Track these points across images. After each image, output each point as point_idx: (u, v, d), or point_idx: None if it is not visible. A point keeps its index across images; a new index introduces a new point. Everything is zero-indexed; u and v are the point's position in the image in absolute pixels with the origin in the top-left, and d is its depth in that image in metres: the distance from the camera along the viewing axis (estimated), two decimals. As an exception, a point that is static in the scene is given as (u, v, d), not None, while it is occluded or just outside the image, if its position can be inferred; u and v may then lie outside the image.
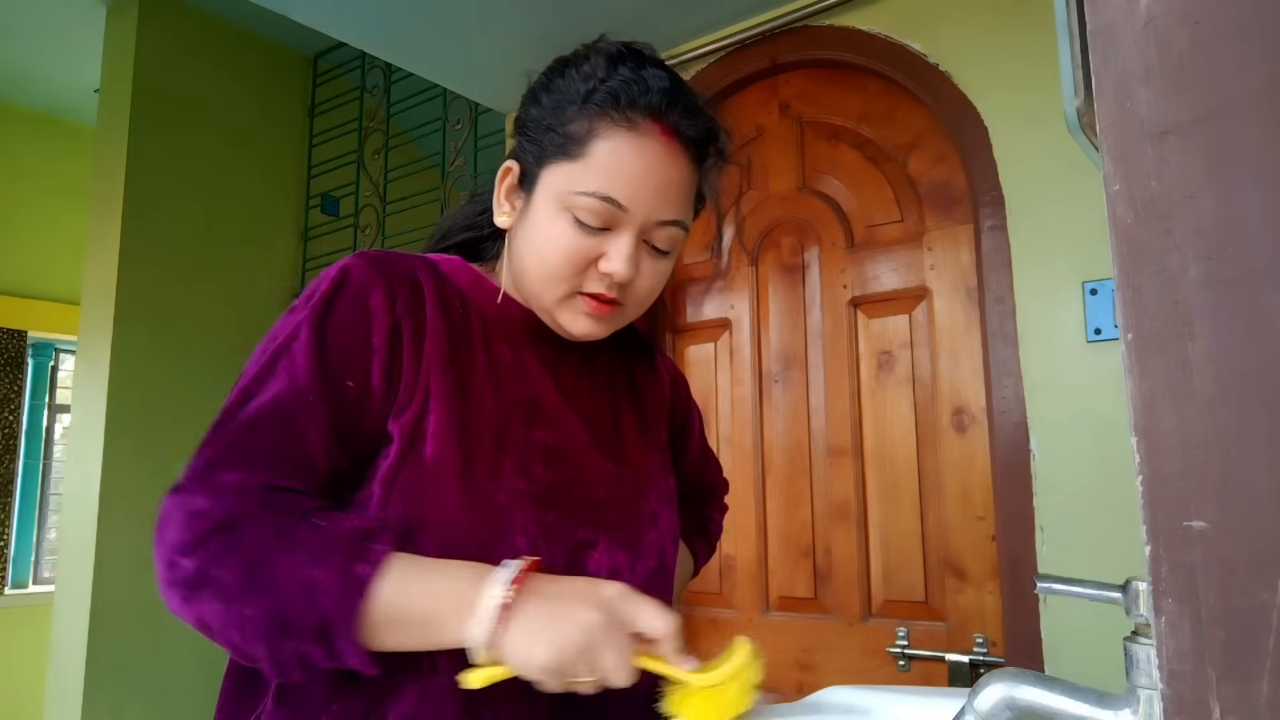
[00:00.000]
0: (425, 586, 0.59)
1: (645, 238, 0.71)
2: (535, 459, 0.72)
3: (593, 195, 0.68)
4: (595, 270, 0.71)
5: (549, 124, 0.72)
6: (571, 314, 0.73)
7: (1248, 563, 0.26)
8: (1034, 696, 0.41)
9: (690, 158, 0.72)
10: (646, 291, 0.74)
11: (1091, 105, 0.35)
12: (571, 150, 0.70)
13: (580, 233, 0.69)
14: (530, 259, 0.73)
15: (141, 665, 2.54)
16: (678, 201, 0.72)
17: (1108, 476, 1.48)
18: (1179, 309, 0.28)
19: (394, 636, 0.59)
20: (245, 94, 2.99)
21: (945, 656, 1.63)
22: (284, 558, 0.58)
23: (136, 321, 2.62)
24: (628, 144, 0.69)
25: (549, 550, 0.70)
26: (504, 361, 0.74)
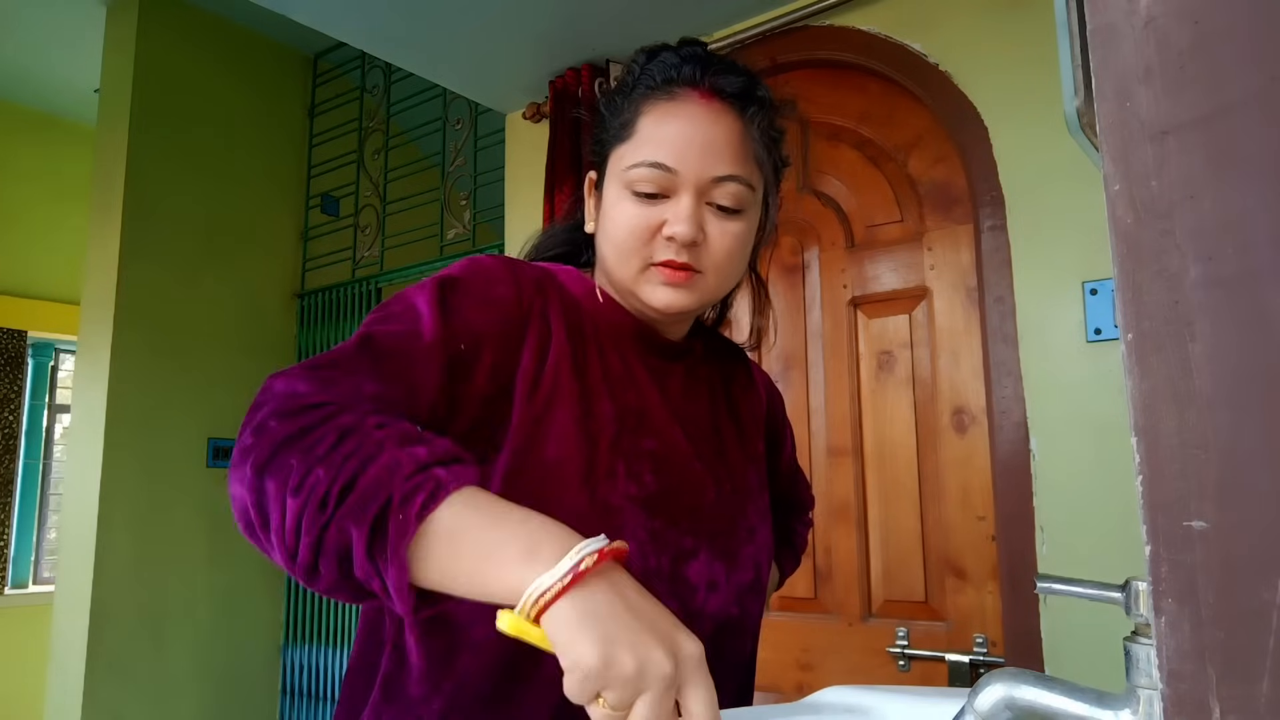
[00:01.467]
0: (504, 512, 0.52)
1: (707, 199, 0.73)
2: (645, 466, 0.74)
3: (642, 164, 0.72)
4: (661, 238, 0.73)
5: (605, 122, 0.79)
6: (650, 286, 0.74)
7: (1248, 563, 0.26)
8: (1034, 696, 0.41)
9: (735, 113, 0.74)
10: (724, 254, 0.74)
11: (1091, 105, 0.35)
12: (624, 134, 0.75)
13: (640, 204, 0.72)
14: (606, 245, 0.76)
15: (141, 665, 2.54)
16: (729, 156, 0.73)
17: (1108, 476, 1.48)
18: (1179, 309, 0.28)
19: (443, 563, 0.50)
20: (245, 94, 2.99)
21: (945, 656, 1.63)
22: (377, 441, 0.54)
23: (136, 321, 2.62)
24: (668, 111, 0.73)
25: (656, 556, 0.71)
26: (616, 370, 0.76)
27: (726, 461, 0.83)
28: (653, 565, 0.70)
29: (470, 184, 2.71)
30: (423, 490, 0.51)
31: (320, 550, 0.52)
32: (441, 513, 0.50)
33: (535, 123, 2.35)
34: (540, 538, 0.49)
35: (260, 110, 3.04)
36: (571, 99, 2.15)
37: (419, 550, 0.50)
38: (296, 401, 0.56)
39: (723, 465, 0.82)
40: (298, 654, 2.89)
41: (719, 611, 0.75)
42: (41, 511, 3.79)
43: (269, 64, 3.09)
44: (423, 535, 0.50)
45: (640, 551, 0.70)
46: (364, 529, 0.50)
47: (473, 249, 2.62)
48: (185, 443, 2.72)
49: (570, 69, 2.16)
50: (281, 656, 2.92)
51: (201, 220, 2.82)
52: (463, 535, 0.50)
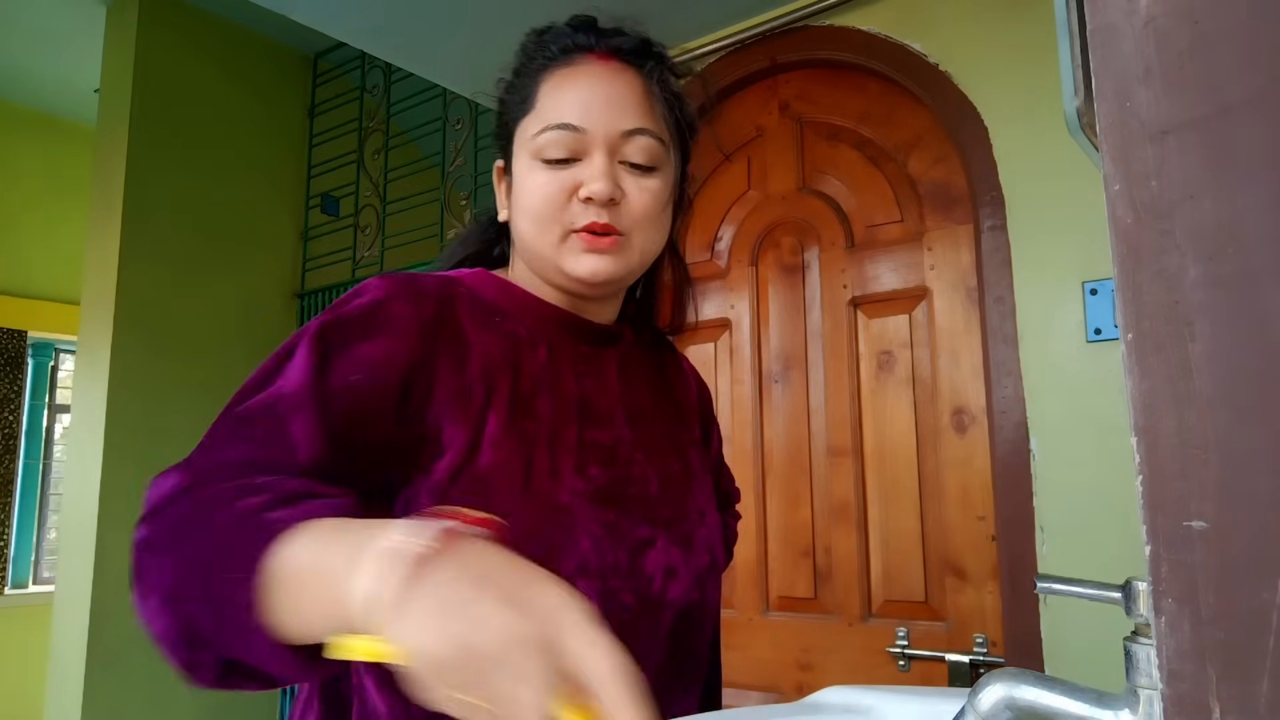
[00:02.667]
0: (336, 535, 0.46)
1: (620, 157, 0.72)
2: (590, 459, 0.72)
3: (548, 128, 0.71)
4: (578, 202, 0.71)
5: (506, 102, 0.78)
6: (573, 256, 0.71)
7: (1248, 563, 0.26)
8: (1034, 696, 0.41)
9: (634, 70, 0.74)
10: (644, 212, 0.72)
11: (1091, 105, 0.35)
12: (525, 108, 0.74)
13: (551, 170, 0.71)
14: (522, 222, 0.74)
15: (141, 665, 2.54)
16: (635, 110, 0.72)
17: (1108, 476, 1.48)
18: (1179, 309, 0.28)
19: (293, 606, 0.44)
20: (245, 94, 2.99)
21: (945, 656, 1.63)
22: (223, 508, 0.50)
23: (136, 321, 2.62)
24: (567, 76, 0.73)
25: (613, 550, 0.69)
26: (549, 364, 0.74)
27: (669, 446, 0.82)
28: (610, 560, 0.68)
29: (470, 184, 2.71)
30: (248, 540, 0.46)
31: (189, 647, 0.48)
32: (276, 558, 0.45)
33: (535, 123, 2.35)
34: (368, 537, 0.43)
35: (260, 110, 3.04)
36: (571, 99, 2.15)
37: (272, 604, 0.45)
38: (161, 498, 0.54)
39: (667, 451, 0.81)
40: (298, 654, 2.89)
41: (680, 598, 0.74)
42: (41, 511, 3.79)
43: (269, 64, 3.09)
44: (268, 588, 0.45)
45: (596, 547, 0.68)
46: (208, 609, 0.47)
47: (473, 249, 2.62)
48: (185, 443, 2.68)
49: (570, 69, 2.16)
50: (281, 656, 2.92)
51: (201, 220, 2.82)
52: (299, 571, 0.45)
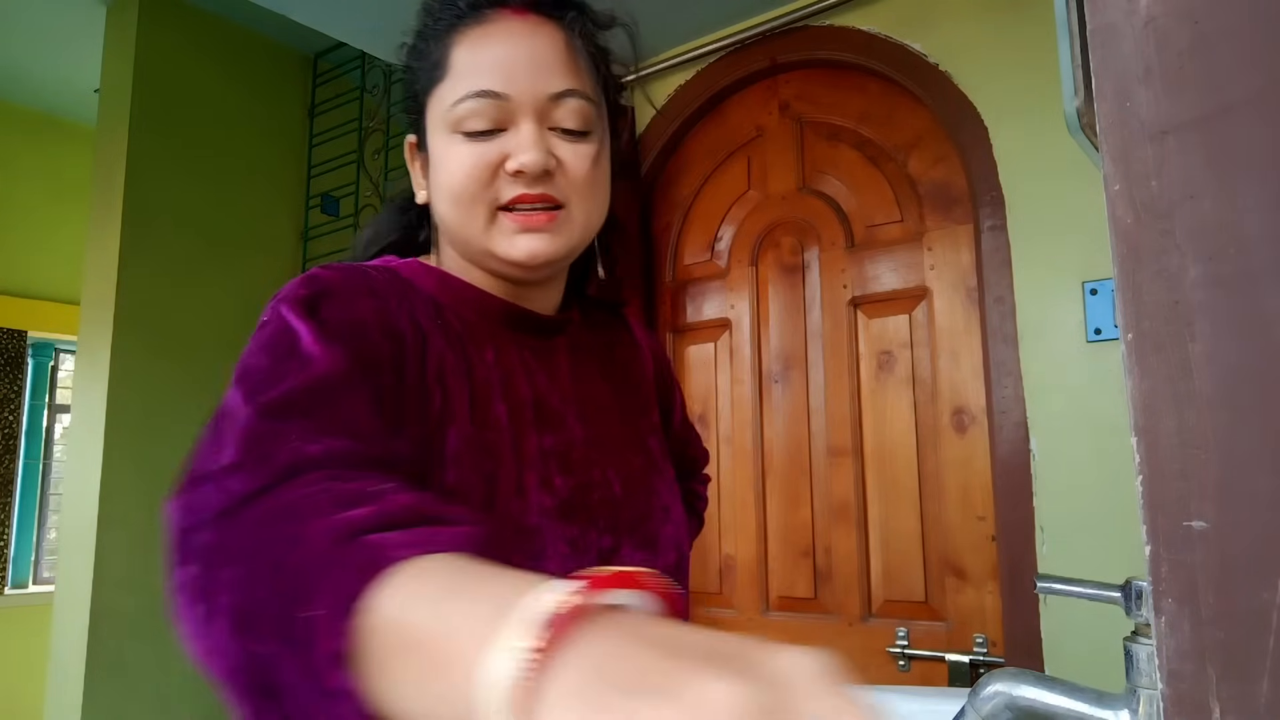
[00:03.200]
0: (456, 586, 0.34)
1: (549, 123, 0.64)
2: (552, 469, 0.65)
3: (468, 96, 0.63)
4: (505, 176, 0.63)
5: (413, 70, 0.69)
6: (505, 239, 0.64)
7: (1248, 563, 0.26)
8: (1034, 696, 0.41)
9: (554, 23, 0.66)
10: (584, 179, 0.65)
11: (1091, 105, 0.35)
12: (438, 74, 0.66)
13: (474, 142, 0.63)
14: (442, 203, 0.66)
15: (141, 665, 2.54)
16: (561, 70, 0.64)
17: (1108, 476, 1.48)
18: (1179, 309, 0.28)
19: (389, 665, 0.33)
20: (245, 94, 2.99)
21: (945, 656, 1.63)
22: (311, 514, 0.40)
23: (136, 322, 2.62)
24: (482, 35, 0.64)
25: (578, 566, 0.61)
26: (498, 365, 0.66)
27: (627, 440, 0.75)
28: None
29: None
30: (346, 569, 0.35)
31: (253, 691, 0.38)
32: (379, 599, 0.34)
33: (535, 123, 2.35)
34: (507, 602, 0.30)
35: (260, 110, 3.05)
36: (571, 99, 2.15)
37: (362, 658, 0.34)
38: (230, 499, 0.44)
39: (626, 445, 0.74)
40: (298, 654, 2.88)
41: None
42: (41, 511, 3.79)
43: (269, 64, 3.09)
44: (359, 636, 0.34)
45: (563, 567, 0.61)
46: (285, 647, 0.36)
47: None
48: (185, 443, 2.68)
49: (570, 69, 2.16)
50: (281, 656, 2.92)
51: (201, 220, 2.82)
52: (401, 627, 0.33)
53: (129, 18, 2.73)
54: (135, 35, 2.69)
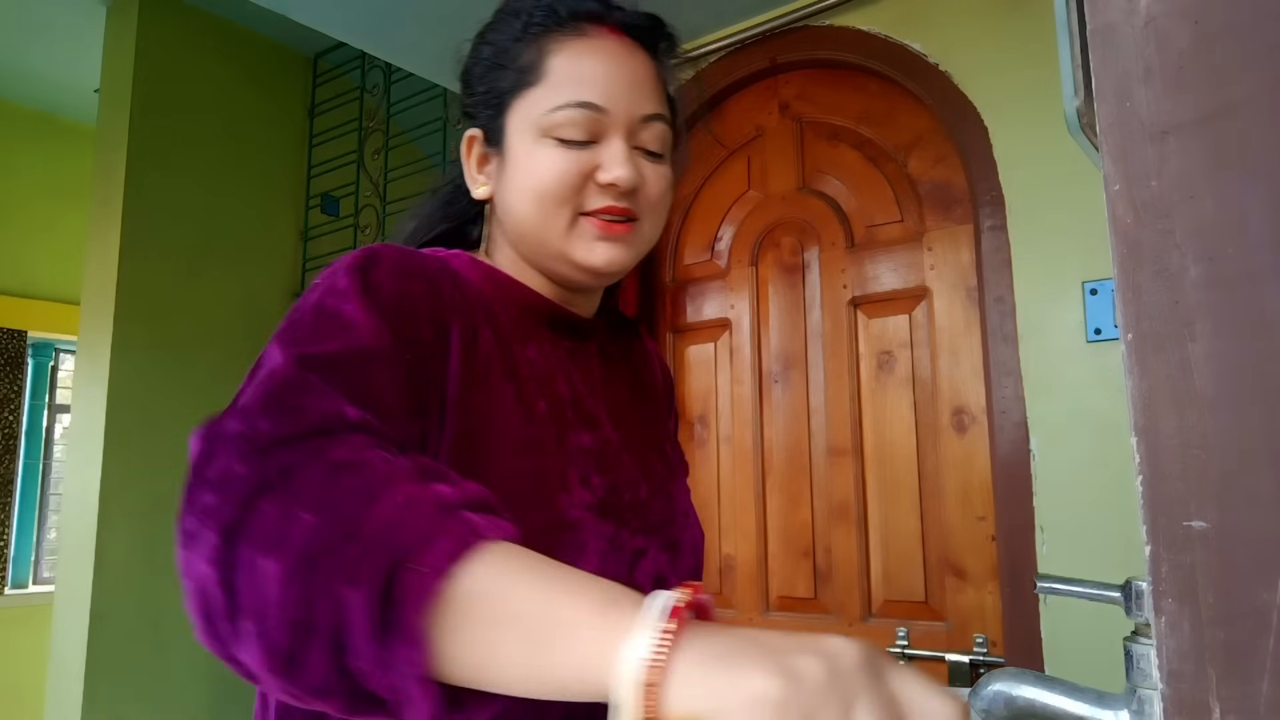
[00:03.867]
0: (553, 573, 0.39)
1: (634, 141, 0.67)
2: (589, 467, 0.66)
3: (568, 105, 0.65)
4: (594, 186, 0.66)
5: (498, 70, 0.70)
6: (585, 244, 0.66)
7: (1248, 563, 0.26)
8: (1034, 696, 0.41)
9: (646, 51, 0.69)
10: (657, 198, 0.69)
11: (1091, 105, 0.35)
12: (530, 78, 0.67)
13: (567, 150, 0.65)
14: (521, 203, 0.67)
15: (141, 665, 2.54)
16: (652, 94, 0.68)
17: (1108, 476, 1.48)
18: (1179, 309, 0.28)
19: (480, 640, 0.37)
20: (245, 94, 2.99)
21: (945, 656, 1.63)
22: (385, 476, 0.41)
23: (136, 321, 2.62)
24: (583, 48, 0.66)
25: (615, 565, 0.64)
26: (539, 360, 0.68)
27: (649, 444, 0.77)
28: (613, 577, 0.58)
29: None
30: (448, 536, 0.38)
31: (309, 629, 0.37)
32: (474, 569, 0.37)
33: (535, 123, 2.35)
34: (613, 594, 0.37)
35: (260, 110, 3.05)
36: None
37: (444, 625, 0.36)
38: (266, 438, 0.43)
39: (648, 450, 0.76)
40: (298, 654, 2.88)
41: None
42: (41, 511, 3.79)
43: (269, 64, 3.09)
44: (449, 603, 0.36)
45: (602, 564, 0.62)
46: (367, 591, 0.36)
47: (473, 249, 2.62)
48: (185, 443, 2.70)
49: (570, 69, 2.16)
50: (281, 656, 2.92)
51: (201, 220, 2.83)
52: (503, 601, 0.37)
53: (129, 17, 2.73)
54: (135, 35, 2.69)
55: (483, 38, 0.74)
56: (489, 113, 0.71)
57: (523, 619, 0.37)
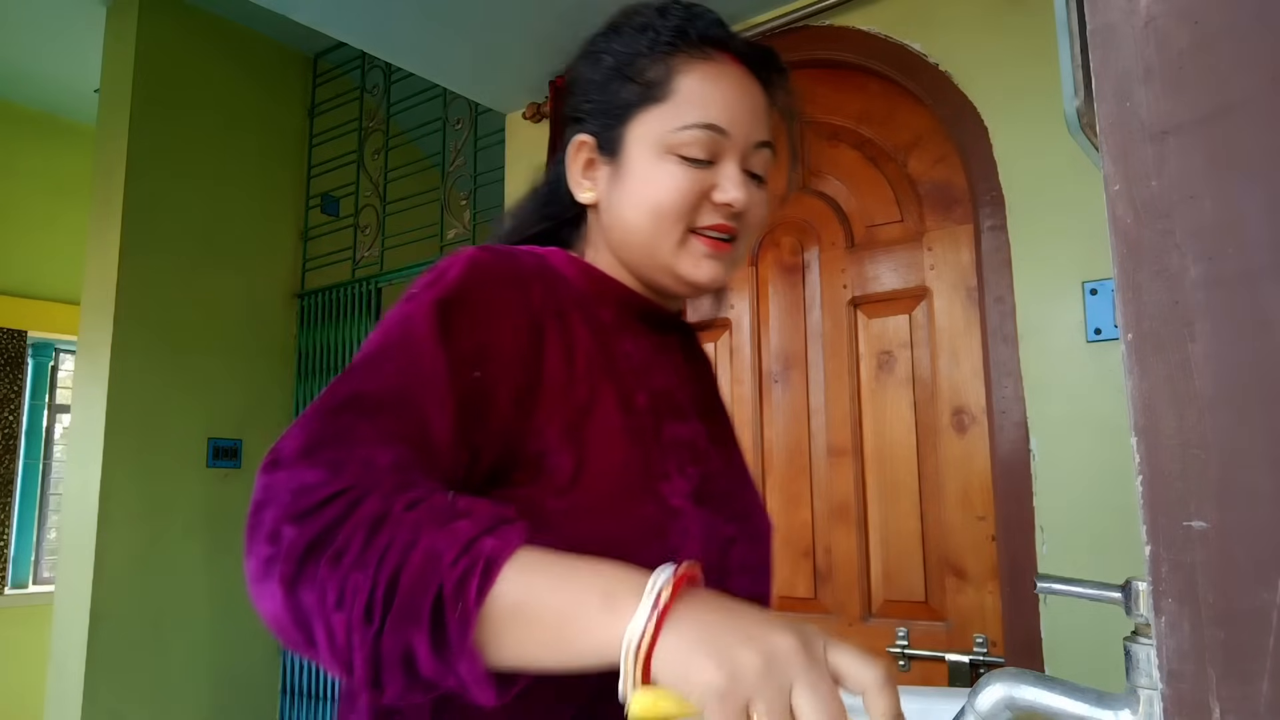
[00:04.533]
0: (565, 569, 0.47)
1: (745, 165, 0.71)
2: (685, 457, 0.70)
3: (695, 126, 0.68)
4: (708, 204, 0.70)
5: (622, 81, 0.72)
6: (692, 259, 0.70)
7: (1248, 563, 0.26)
8: (1034, 696, 0.41)
9: (759, 81, 0.73)
10: (757, 221, 0.73)
11: (1091, 105, 0.35)
12: (656, 94, 0.70)
13: (689, 169, 0.69)
14: (636, 214, 0.70)
15: (141, 665, 2.54)
16: (764, 122, 0.73)
17: (1108, 476, 1.48)
18: (1179, 309, 0.28)
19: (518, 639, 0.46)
20: (245, 94, 2.99)
21: (945, 656, 1.63)
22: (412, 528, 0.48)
23: (137, 321, 2.62)
24: (710, 73, 0.70)
25: (714, 550, 0.68)
26: (636, 353, 0.71)
27: (728, 437, 0.81)
28: (713, 560, 0.68)
29: (470, 184, 2.71)
30: (474, 572, 0.46)
31: (380, 663, 0.46)
32: (501, 589, 0.46)
33: (535, 123, 2.35)
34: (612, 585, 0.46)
35: (260, 110, 3.05)
36: (571, 99, 2.15)
37: (487, 635, 0.46)
38: (309, 498, 0.49)
39: (725, 443, 0.79)
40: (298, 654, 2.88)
41: (749, 593, 0.73)
42: (41, 511, 3.79)
43: (269, 64, 3.09)
44: (487, 619, 0.46)
45: (704, 550, 0.67)
46: (423, 630, 0.45)
47: (473, 249, 2.62)
48: (185, 443, 2.72)
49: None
50: (281, 656, 2.92)
51: (201, 220, 2.83)
52: (530, 606, 0.46)
53: (129, 17, 2.72)
54: (135, 35, 2.69)
55: (601, 46, 0.75)
56: (606, 121, 0.73)
57: (544, 620, 0.46)
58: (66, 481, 2.67)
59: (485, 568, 0.46)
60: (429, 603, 0.45)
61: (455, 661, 0.45)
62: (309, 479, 0.50)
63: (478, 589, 0.45)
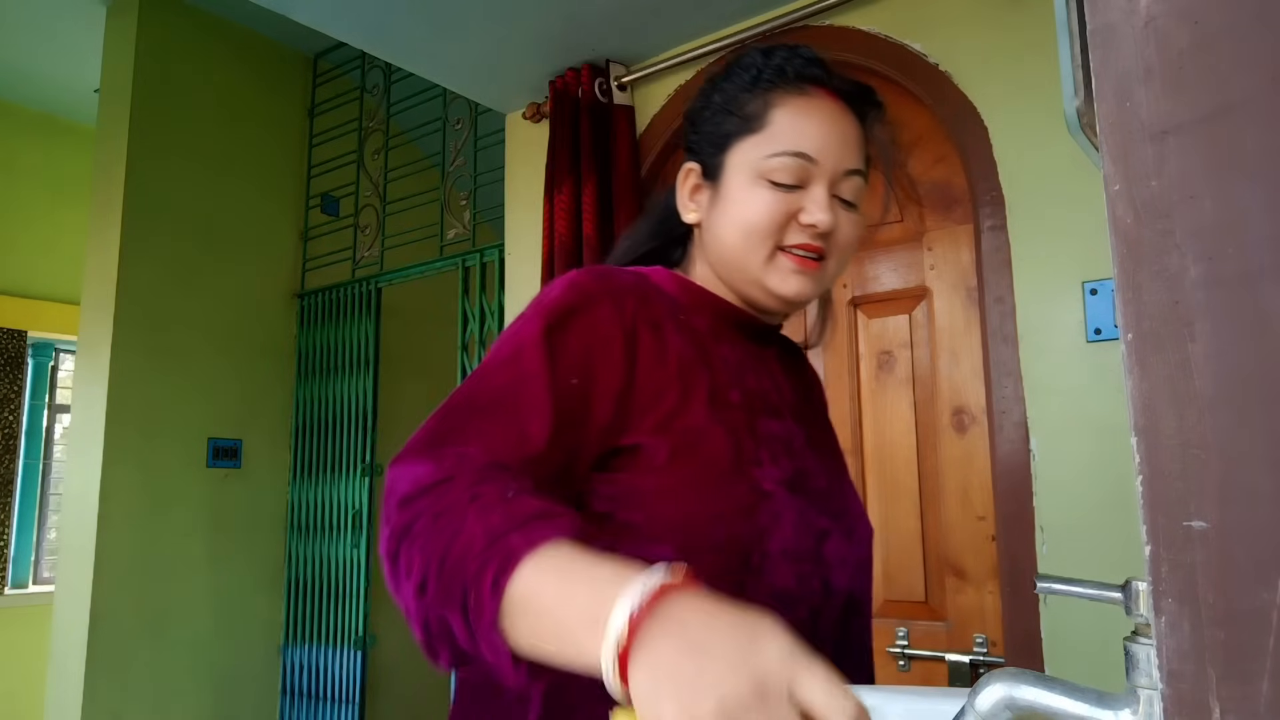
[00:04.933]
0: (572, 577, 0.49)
1: (834, 190, 0.77)
2: (778, 449, 0.76)
3: (785, 154, 0.75)
4: (795, 224, 0.76)
5: (725, 115, 0.80)
6: (780, 274, 0.77)
7: (1248, 563, 0.26)
8: (1034, 696, 0.41)
9: (854, 115, 0.80)
10: (846, 243, 0.79)
11: (1091, 105, 0.35)
12: (753, 126, 0.77)
13: (778, 192, 0.75)
14: (731, 233, 0.77)
15: (141, 665, 2.54)
16: (855, 152, 0.78)
17: (1108, 476, 1.48)
18: (1179, 309, 0.28)
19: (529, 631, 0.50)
20: (245, 94, 2.99)
21: (945, 656, 1.63)
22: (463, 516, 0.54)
23: (136, 321, 2.62)
24: (804, 106, 0.77)
25: (806, 536, 0.73)
26: (732, 357, 0.78)
27: (827, 443, 0.87)
28: (806, 546, 0.73)
29: (470, 184, 2.71)
30: (492, 564, 0.51)
31: (430, 633, 0.54)
32: (516, 582, 0.50)
33: (535, 123, 2.35)
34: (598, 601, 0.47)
35: (260, 110, 3.05)
36: (572, 99, 2.15)
37: (506, 622, 0.50)
38: (413, 486, 0.58)
39: (825, 448, 0.85)
40: (298, 654, 2.89)
41: (846, 587, 0.77)
42: (41, 511, 3.79)
43: (269, 64, 3.09)
44: (505, 607, 0.50)
45: (795, 533, 0.72)
46: (456, 610, 0.52)
47: (472, 249, 2.62)
48: (185, 443, 2.72)
49: (570, 69, 2.16)
50: (281, 656, 2.92)
51: (202, 220, 2.83)
52: (535, 603, 0.49)
53: (129, 18, 2.72)
54: (135, 35, 2.69)
55: (714, 86, 0.84)
56: (710, 150, 0.81)
57: (545, 620, 0.49)
58: (66, 481, 2.67)
59: (502, 562, 0.51)
60: (460, 587, 0.52)
61: (479, 641, 0.51)
62: (418, 471, 0.59)
63: (493, 581, 0.50)
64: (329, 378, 2.95)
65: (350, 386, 2.89)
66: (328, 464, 2.89)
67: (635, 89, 2.20)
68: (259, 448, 2.92)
